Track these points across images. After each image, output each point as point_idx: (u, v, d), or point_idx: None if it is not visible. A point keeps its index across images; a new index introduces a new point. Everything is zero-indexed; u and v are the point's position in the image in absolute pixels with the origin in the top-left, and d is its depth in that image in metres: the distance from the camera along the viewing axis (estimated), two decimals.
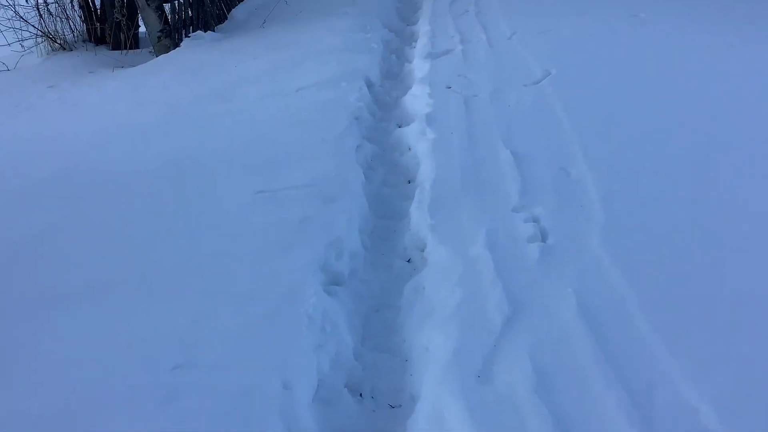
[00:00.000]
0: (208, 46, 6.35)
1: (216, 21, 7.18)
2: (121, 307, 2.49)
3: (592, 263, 2.50)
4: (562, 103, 3.98)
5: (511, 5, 6.59)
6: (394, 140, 4.21)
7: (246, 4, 8.01)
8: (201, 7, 6.89)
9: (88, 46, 7.03)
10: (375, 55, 5.55)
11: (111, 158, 3.93)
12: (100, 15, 7.19)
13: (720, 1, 5.77)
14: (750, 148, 3.25)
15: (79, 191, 3.52)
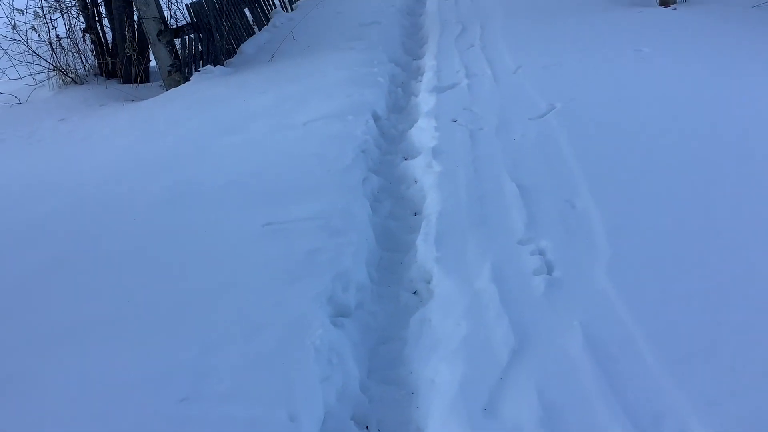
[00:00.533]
0: (217, 80, 6.45)
1: (225, 55, 7.29)
2: (130, 339, 2.50)
3: (599, 296, 2.51)
4: (567, 137, 4.01)
5: (516, 40, 6.66)
6: (401, 173, 4.25)
7: (255, 39, 8.14)
8: (211, 42, 7.00)
9: (99, 80, 7.14)
10: (381, 89, 5.62)
11: (120, 190, 3.98)
12: (112, 49, 7.31)
13: (723, 36, 5.82)
14: (757, 181, 3.26)
15: (88, 223, 3.57)
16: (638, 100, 4.49)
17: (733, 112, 4.11)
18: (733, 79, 4.67)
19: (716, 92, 4.45)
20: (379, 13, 9.21)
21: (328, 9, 9.94)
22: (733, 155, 3.54)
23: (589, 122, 4.22)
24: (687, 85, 4.65)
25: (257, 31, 8.62)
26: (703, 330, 2.28)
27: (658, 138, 3.86)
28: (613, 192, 3.30)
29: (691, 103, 4.31)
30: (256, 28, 8.65)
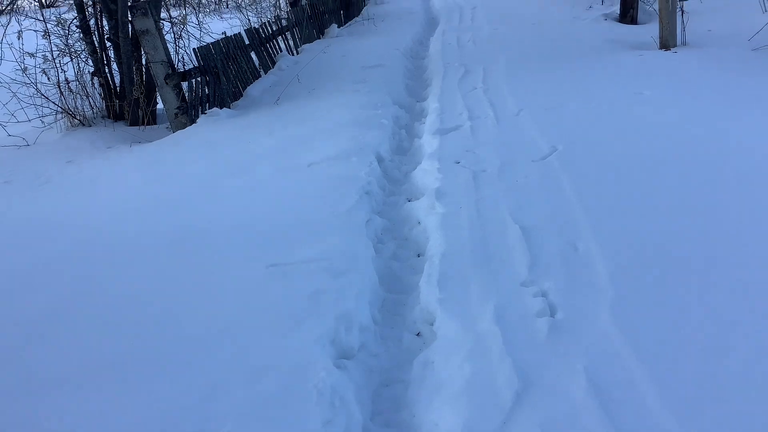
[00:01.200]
0: (223, 122, 6.53)
1: (231, 98, 7.39)
2: (133, 382, 2.50)
3: (602, 339, 2.51)
4: (569, 179, 4.04)
5: (517, 83, 6.76)
6: (404, 214, 4.27)
7: (261, 81, 8.26)
8: (217, 85, 7.10)
9: (106, 122, 7.23)
10: (385, 131, 5.68)
11: (126, 232, 4.00)
12: (120, 92, 7.42)
13: (723, 79, 5.89)
14: (758, 221, 3.27)
15: (94, 265, 3.59)
16: (639, 142, 4.53)
17: (734, 154, 4.14)
18: (733, 121, 4.71)
19: (717, 135, 4.49)
20: (383, 56, 9.36)
21: (334, 52, 10.11)
22: (734, 196, 3.57)
23: (590, 165, 4.26)
24: (688, 127, 4.69)
25: (263, 74, 8.76)
26: (707, 373, 2.27)
27: (659, 180, 3.89)
28: (615, 234, 3.31)
29: (692, 145, 4.35)
30: (262, 71, 8.78)
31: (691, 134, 4.55)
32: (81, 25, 7.29)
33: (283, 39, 10.27)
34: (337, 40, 11.65)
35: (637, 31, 9.03)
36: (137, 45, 6.97)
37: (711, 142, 4.37)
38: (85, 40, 7.33)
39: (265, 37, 9.21)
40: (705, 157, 4.14)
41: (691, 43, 7.53)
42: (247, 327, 2.82)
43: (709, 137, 4.45)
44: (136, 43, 6.96)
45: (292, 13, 10.97)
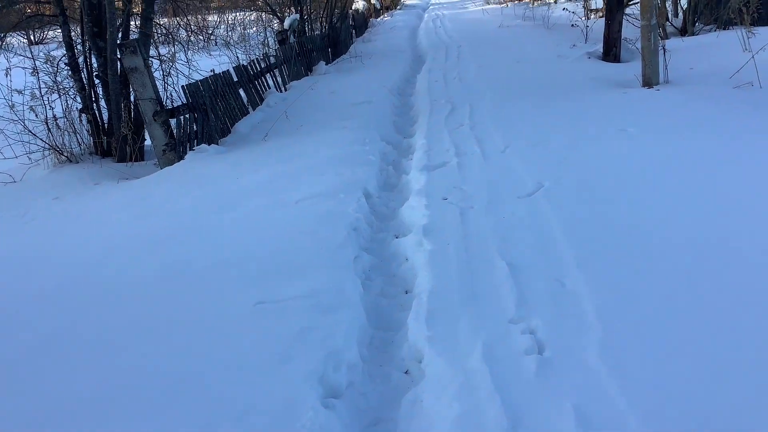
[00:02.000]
0: (211, 158, 6.55)
1: (220, 134, 7.42)
2: (118, 422, 2.47)
3: (590, 377, 2.51)
4: (556, 215, 4.08)
5: (504, 120, 6.83)
6: (392, 251, 4.28)
7: (249, 118, 8.30)
8: (206, 122, 7.14)
9: (94, 159, 7.23)
10: (373, 167, 5.71)
11: (112, 269, 3.99)
12: (107, 129, 7.43)
13: (706, 116, 5.98)
14: (743, 257, 3.30)
15: (80, 303, 3.57)
16: (624, 179, 4.58)
17: (718, 189, 4.19)
18: (716, 157, 4.78)
19: (700, 170, 4.55)
20: (371, 93, 9.46)
21: (322, 89, 10.21)
22: (718, 232, 3.60)
23: (576, 201, 4.30)
24: (672, 164, 4.76)
25: (251, 110, 8.81)
26: (695, 411, 2.27)
27: (644, 216, 3.93)
28: (602, 270, 3.33)
29: (676, 181, 4.40)
30: (250, 108, 8.84)
31: (675, 171, 4.60)
32: (70, 63, 7.34)
33: (272, 76, 10.37)
34: (324, 77, 11.77)
35: (621, 69, 9.17)
36: (126, 82, 7.01)
37: (695, 177, 4.42)
38: (73, 77, 7.37)
39: (253, 74, 9.29)
40: (689, 192, 4.19)
41: (674, 81, 7.66)
42: (235, 365, 2.81)
43: (693, 173, 4.51)
44: (125, 81, 7.00)
45: (281, 51, 11.09)
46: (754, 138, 5.10)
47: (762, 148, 4.86)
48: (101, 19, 7.10)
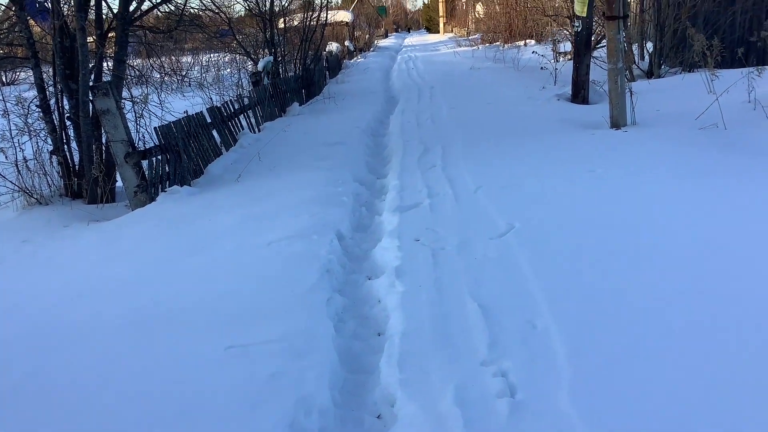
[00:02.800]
0: (183, 200, 6.51)
1: (192, 176, 7.40)
2: None
3: (561, 420, 2.51)
4: (527, 256, 4.12)
5: (476, 160, 6.92)
6: (365, 293, 4.28)
7: (222, 159, 8.31)
8: (178, 163, 7.12)
9: (64, 201, 7.16)
10: (346, 208, 5.73)
11: (80, 313, 3.93)
12: (78, 171, 7.38)
13: (673, 157, 6.10)
14: (713, 299, 3.35)
15: (46, 348, 3.50)
16: (593, 219, 4.65)
17: (685, 229, 4.27)
18: (683, 197, 4.87)
19: (667, 210, 4.64)
20: (344, 133, 9.54)
21: (295, 130, 10.27)
22: (689, 272, 3.66)
23: (547, 242, 4.34)
24: (639, 204, 4.84)
25: (225, 151, 8.82)
26: None
27: (613, 256, 3.98)
28: (572, 311, 3.36)
29: (645, 222, 4.48)
30: (223, 149, 8.84)
31: (643, 211, 4.68)
32: (41, 105, 7.30)
33: (245, 117, 10.40)
34: (298, 118, 11.85)
35: (589, 110, 9.36)
36: (97, 124, 6.98)
37: (663, 218, 4.50)
38: (44, 119, 7.32)
39: (227, 116, 9.31)
40: (657, 232, 4.25)
41: (641, 123, 7.83)
42: (204, 411, 2.77)
43: (661, 214, 4.59)
44: (97, 122, 6.97)
45: (255, 92, 11.15)
46: (720, 179, 5.21)
47: (727, 188, 4.97)
48: (74, 61, 7.10)
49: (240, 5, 14.16)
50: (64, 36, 7.08)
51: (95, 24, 7.49)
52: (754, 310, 3.20)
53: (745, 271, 3.61)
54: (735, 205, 4.59)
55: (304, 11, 15.71)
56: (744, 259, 3.75)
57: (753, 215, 4.38)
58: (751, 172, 5.30)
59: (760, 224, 4.21)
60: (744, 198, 4.72)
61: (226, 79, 15.39)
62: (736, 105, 7.61)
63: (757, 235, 4.06)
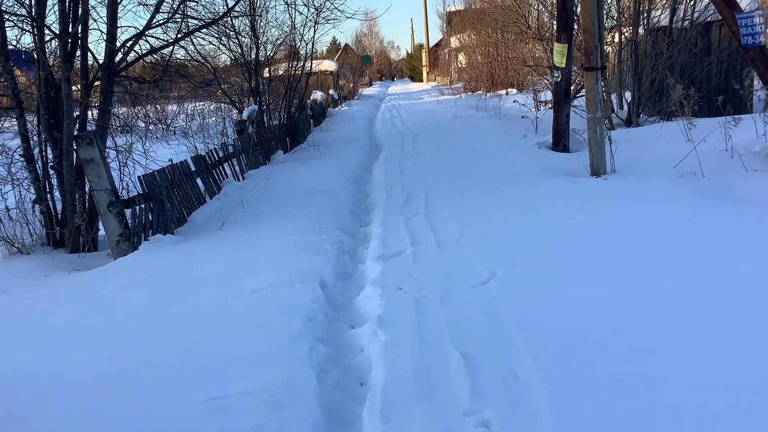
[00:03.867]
0: (166, 248, 6.50)
1: (175, 224, 7.40)
2: None
3: None
4: (509, 305, 4.13)
5: (458, 208, 6.98)
6: (347, 342, 4.26)
7: (206, 207, 8.32)
8: (161, 212, 7.12)
9: (45, 250, 7.12)
10: (329, 257, 5.74)
11: (59, 366, 3.88)
12: (61, 220, 7.35)
13: (652, 204, 6.17)
14: (692, 343, 3.37)
15: (22, 401, 3.44)
16: (574, 268, 4.68)
17: (666, 277, 4.30)
18: (663, 245, 4.92)
19: (648, 258, 4.68)
20: (328, 181, 9.60)
21: (279, 178, 10.31)
22: (670, 319, 3.68)
23: (528, 290, 4.37)
24: (620, 252, 4.88)
25: (209, 199, 8.84)
26: None
27: (595, 304, 4.00)
28: (554, 359, 3.36)
29: (625, 270, 4.51)
30: (207, 197, 8.86)
31: (624, 259, 4.72)
32: (25, 154, 7.31)
33: (230, 165, 10.46)
34: (282, 165, 11.92)
35: (570, 158, 9.50)
36: (81, 173, 7.00)
37: (643, 266, 4.54)
38: (28, 168, 7.33)
39: (211, 164, 9.36)
40: (638, 280, 4.29)
41: (621, 170, 7.94)
42: None
43: (640, 262, 4.63)
44: (80, 171, 6.99)
45: (239, 141, 11.23)
46: (700, 227, 5.27)
47: (706, 236, 5.03)
48: (59, 110, 7.15)
49: (226, 55, 14.30)
50: (49, 86, 7.14)
51: (81, 74, 7.56)
52: (735, 355, 3.22)
53: (725, 318, 3.64)
54: (715, 254, 4.64)
55: (289, 61, 15.94)
56: (724, 307, 3.78)
57: (733, 263, 4.43)
58: (731, 220, 5.37)
59: (742, 273, 4.25)
60: (724, 246, 4.77)
61: (211, 128, 15.49)
62: (714, 153, 7.75)
63: (739, 283, 4.10)
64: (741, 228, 5.15)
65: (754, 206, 5.76)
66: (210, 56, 13.96)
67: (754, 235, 4.96)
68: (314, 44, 15.92)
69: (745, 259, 4.47)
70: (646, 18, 12.15)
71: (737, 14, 6.91)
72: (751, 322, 3.53)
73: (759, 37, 6.86)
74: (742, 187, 6.49)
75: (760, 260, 4.39)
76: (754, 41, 6.87)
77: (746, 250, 4.62)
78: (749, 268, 4.28)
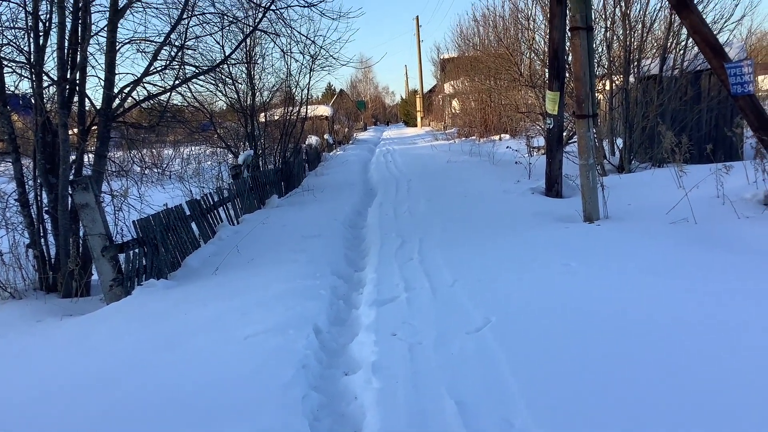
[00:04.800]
0: (159, 293, 6.47)
1: (169, 268, 7.39)
2: None
3: None
4: (503, 351, 4.12)
5: (452, 254, 6.99)
6: (341, 389, 4.22)
7: (200, 251, 8.31)
8: (155, 256, 7.11)
9: (38, 295, 7.09)
10: (323, 302, 5.73)
11: (48, 413, 3.83)
12: (54, 264, 7.33)
13: (645, 250, 6.20)
14: (686, 391, 3.36)
15: None
16: (569, 314, 4.68)
17: (659, 325, 4.30)
18: (656, 292, 4.93)
19: (640, 304, 4.69)
20: (322, 226, 9.62)
21: (274, 222, 10.33)
22: (664, 368, 3.67)
23: (523, 336, 4.36)
24: (614, 299, 4.89)
25: (203, 243, 8.84)
26: None
27: (590, 352, 3.99)
28: (550, 408, 3.34)
29: (618, 315, 4.52)
30: (202, 241, 8.86)
31: (617, 305, 4.73)
32: (20, 199, 7.32)
33: (225, 209, 10.49)
34: (277, 210, 11.95)
35: (563, 204, 9.55)
36: (76, 217, 7.01)
37: (635, 312, 4.54)
38: (23, 212, 7.34)
39: (206, 208, 9.39)
40: (630, 327, 4.29)
41: (613, 216, 7.99)
42: None
43: (633, 308, 4.63)
44: (75, 216, 7.00)
45: (234, 185, 11.28)
46: (692, 274, 5.29)
47: (700, 284, 5.04)
48: (55, 155, 7.19)
49: (222, 101, 14.48)
50: (46, 131, 7.20)
51: (78, 119, 7.64)
52: (729, 406, 3.21)
53: (719, 369, 3.64)
54: (710, 303, 4.64)
55: (285, 106, 16.12)
56: (719, 358, 3.78)
57: (727, 312, 4.44)
58: (725, 267, 5.39)
59: (737, 322, 4.25)
60: (718, 294, 4.78)
61: (206, 172, 15.56)
62: (706, 200, 7.82)
63: (734, 332, 4.10)
64: (735, 276, 5.17)
65: (747, 252, 5.79)
66: (207, 101, 14.12)
67: (748, 282, 4.97)
68: (309, 90, 16.13)
69: (741, 307, 4.48)
70: (637, 66, 12.37)
71: (726, 64, 7.05)
72: (748, 375, 3.52)
73: (748, 86, 6.99)
74: (735, 233, 6.54)
75: (757, 309, 4.40)
76: (744, 90, 7.00)
77: (742, 298, 4.63)
78: (746, 317, 4.29)
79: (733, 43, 12.45)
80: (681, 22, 7.67)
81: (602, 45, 12.95)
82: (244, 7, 11.66)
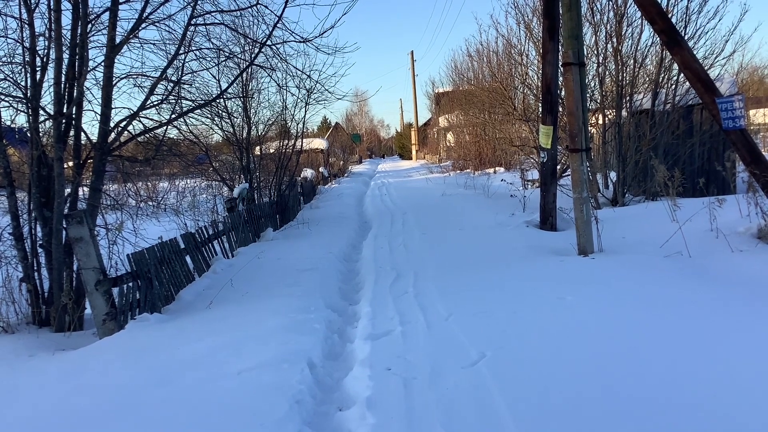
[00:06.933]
0: (152, 328, 6.43)
1: (163, 302, 7.35)
2: None
3: None
4: (498, 386, 4.10)
5: (447, 288, 6.98)
6: (335, 425, 4.18)
7: (194, 285, 8.28)
8: (149, 290, 7.08)
9: (31, 329, 7.03)
10: (318, 336, 5.70)
11: None
12: (48, 298, 7.30)
13: (639, 284, 6.21)
14: (683, 427, 3.34)
15: None
16: (564, 348, 4.67)
17: (655, 360, 4.29)
18: (651, 327, 4.93)
19: (636, 338, 4.68)
20: (317, 259, 9.61)
21: (269, 255, 10.32)
22: (660, 402, 3.66)
23: (518, 371, 4.34)
24: (609, 333, 4.88)
25: (197, 277, 8.81)
26: None
27: (585, 386, 3.98)
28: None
29: (614, 350, 4.51)
30: (196, 275, 8.84)
31: (612, 341, 4.72)
32: (14, 233, 7.31)
33: (219, 242, 10.47)
34: (272, 243, 11.93)
35: (557, 237, 9.58)
36: (70, 251, 6.99)
37: (630, 346, 4.54)
38: (17, 246, 7.32)
39: (201, 242, 9.37)
40: (626, 362, 4.28)
41: (607, 249, 8.01)
42: None
43: (628, 342, 4.63)
44: (69, 250, 6.98)
45: (229, 218, 11.28)
46: (687, 308, 5.30)
47: (694, 318, 5.05)
48: (50, 189, 7.20)
49: (218, 134, 14.58)
50: (41, 165, 7.22)
51: (73, 153, 7.65)
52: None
53: (715, 403, 3.62)
54: (706, 337, 4.64)
55: (280, 139, 16.21)
56: (715, 393, 3.76)
57: (723, 348, 4.43)
58: (720, 302, 5.40)
59: (733, 359, 4.25)
60: (713, 330, 4.78)
61: (201, 205, 15.58)
62: (699, 233, 7.85)
63: (731, 369, 4.09)
64: (729, 311, 5.17)
65: (740, 286, 5.81)
66: (202, 135, 14.19)
67: (743, 316, 4.98)
68: (305, 123, 16.24)
69: (736, 341, 4.48)
70: (629, 101, 12.51)
71: (717, 99, 7.14)
72: (745, 409, 3.51)
73: (739, 121, 7.06)
74: (729, 267, 6.55)
75: (752, 342, 4.40)
76: (735, 125, 7.08)
77: (737, 332, 4.63)
78: (741, 350, 4.29)
79: (724, 78, 12.62)
80: (672, 58, 7.77)
81: (595, 80, 13.11)
82: (240, 42, 11.80)
